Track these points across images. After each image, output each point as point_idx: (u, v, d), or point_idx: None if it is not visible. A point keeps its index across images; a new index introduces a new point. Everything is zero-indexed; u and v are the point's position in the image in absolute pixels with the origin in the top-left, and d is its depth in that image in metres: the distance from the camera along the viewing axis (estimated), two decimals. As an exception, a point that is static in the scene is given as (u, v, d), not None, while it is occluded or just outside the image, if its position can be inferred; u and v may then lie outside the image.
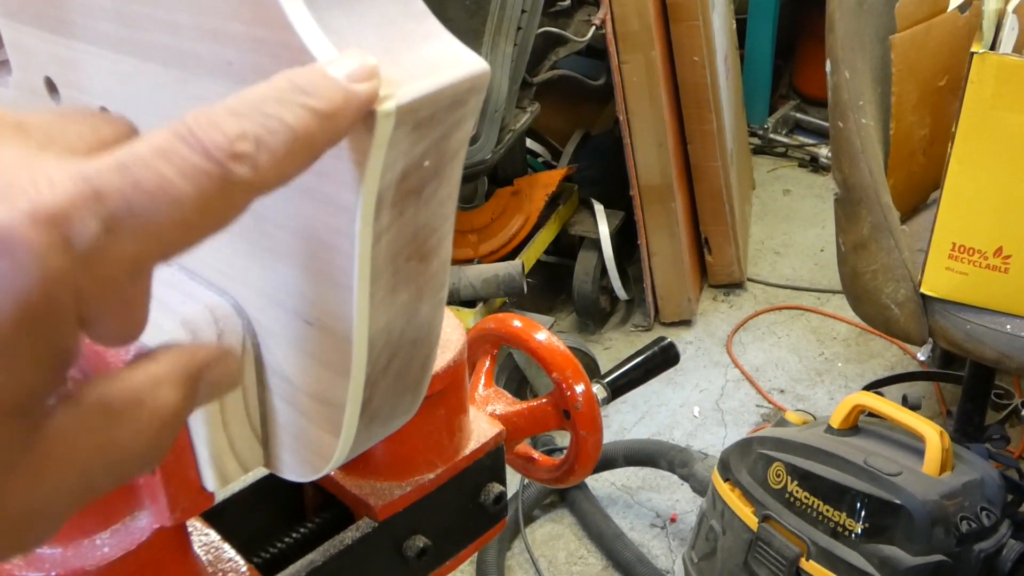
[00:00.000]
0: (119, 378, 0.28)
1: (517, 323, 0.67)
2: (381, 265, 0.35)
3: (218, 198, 0.26)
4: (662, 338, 0.76)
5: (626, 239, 2.66)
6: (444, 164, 0.35)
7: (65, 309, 0.25)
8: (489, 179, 2.46)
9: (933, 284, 1.59)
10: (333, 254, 0.35)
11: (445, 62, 0.32)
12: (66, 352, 0.26)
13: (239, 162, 0.26)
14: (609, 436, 2.29)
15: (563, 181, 2.56)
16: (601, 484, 2.18)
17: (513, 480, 2.02)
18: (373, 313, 0.36)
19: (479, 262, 2.39)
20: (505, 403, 0.68)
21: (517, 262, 2.30)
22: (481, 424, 0.60)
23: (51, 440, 0.26)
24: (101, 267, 0.25)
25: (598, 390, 0.69)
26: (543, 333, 0.65)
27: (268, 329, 0.40)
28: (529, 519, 2.09)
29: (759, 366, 2.55)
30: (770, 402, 2.41)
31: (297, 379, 0.40)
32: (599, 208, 2.60)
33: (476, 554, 1.96)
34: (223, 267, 0.41)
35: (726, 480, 1.65)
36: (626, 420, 2.36)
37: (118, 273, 0.25)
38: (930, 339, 1.67)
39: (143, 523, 0.45)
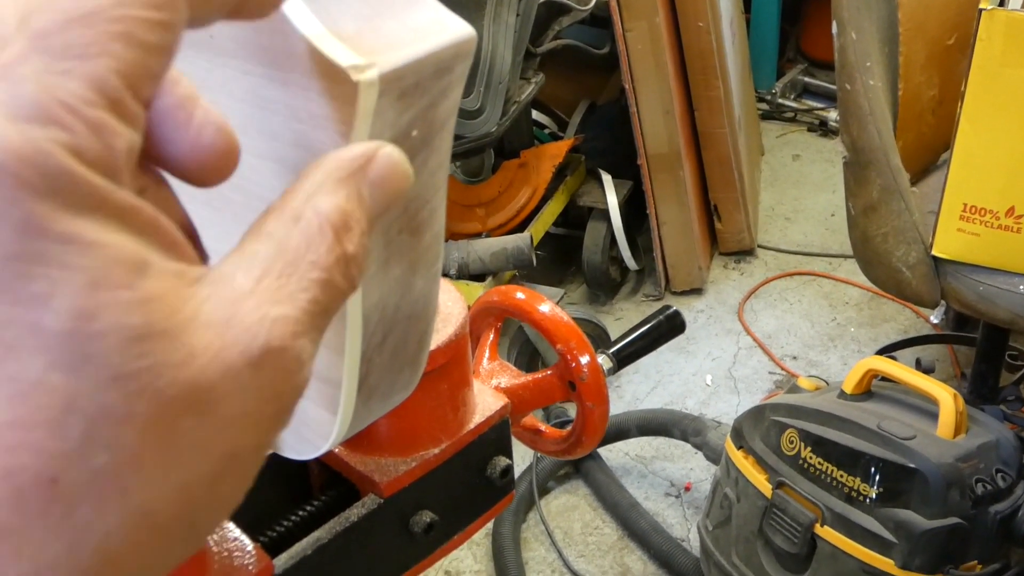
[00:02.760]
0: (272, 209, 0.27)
1: (520, 295, 0.66)
2: (372, 239, 0.35)
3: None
4: (667, 306, 0.75)
5: (635, 209, 2.65)
6: (433, 134, 0.34)
7: None
8: (495, 152, 2.45)
9: (944, 246, 1.57)
10: None
11: (429, 29, 0.32)
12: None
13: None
14: (622, 406, 2.29)
15: (570, 152, 2.54)
16: (615, 454, 2.18)
17: (527, 453, 2.02)
18: (365, 288, 0.36)
19: (487, 236, 2.39)
20: (510, 376, 0.67)
21: (526, 235, 2.29)
22: (486, 398, 0.60)
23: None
24: None
25: (603, 360, 0.69)
26: (547, 304, 0.64)
27: (262, 307, 0.40)
28: (544, 491, 2.09)
29: (771, 333, 2.54)
30: (783, 369, 2.40)
31: (293, 357, 0.40)
32: (607, 178, 2.58)
33: (492, 527, 1.97)
34: (214, 244, 0.40)
35: (739, 448, 1.64)
36: (639, 390, 2.36)
37: None
38: (943, 301, 1.65)
39: (144, 505, 0.45)
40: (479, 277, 2.28)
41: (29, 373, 0.21)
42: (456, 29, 0.32)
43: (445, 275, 2.25)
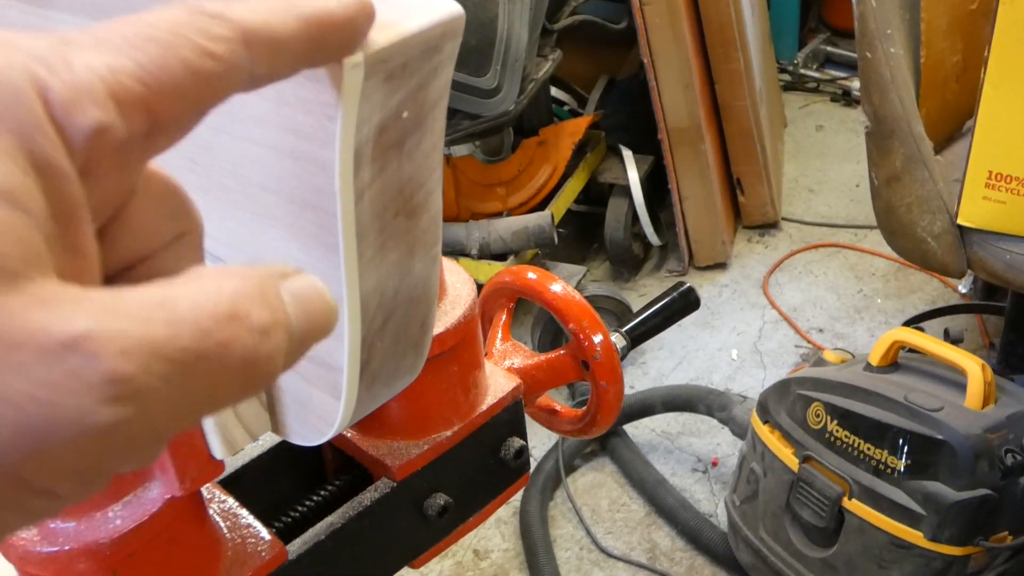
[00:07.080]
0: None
1: (532, 275, 0.66)
2: (366, 223, 0.34)
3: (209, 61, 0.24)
4: (681, 283, 0.74)
5: (657, 184, 2.63)
6: (425, 115, 0.34)
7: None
8: (514, 130, 2.44)
9: (970, 214, 1.55)
10: (318, 214, 0.34)
11: (415, 9, 0.31)
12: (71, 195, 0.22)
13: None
14: (647, 382, 2.29)
15: (590, 128, 2.53)
16: (641, 431, 2.18)
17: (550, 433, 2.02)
18: (362, 273, 0.35)
19: (508, 215, 2.38)
20: (523, 356, 0.67)
21: (547, 213, 2.28)
22: (498, 379, 0.59)
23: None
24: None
25: (617, 339, 0.68)
26: (558, 284, 0.64)
27: (262, 294, 0.39)
28: (570, 469, 2.09)
29: (797, 306, 2.52)
30: (809, 342, 2.39)
31: (295, 343, 0.39)
32: (628, 154, 2.56)
33: (519, 505, 1.97)
34: (213, 231, 0.40)
35: (765, 422, 1.64)
36: (664, 366, 2.35)
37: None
38: (969, 271, 1.63)
39: (154, 494, 0.45)
40: (501, 257, 2.28)
41: None
42: (443, 8, 0.31)
43: (466, 255, 2.25)
